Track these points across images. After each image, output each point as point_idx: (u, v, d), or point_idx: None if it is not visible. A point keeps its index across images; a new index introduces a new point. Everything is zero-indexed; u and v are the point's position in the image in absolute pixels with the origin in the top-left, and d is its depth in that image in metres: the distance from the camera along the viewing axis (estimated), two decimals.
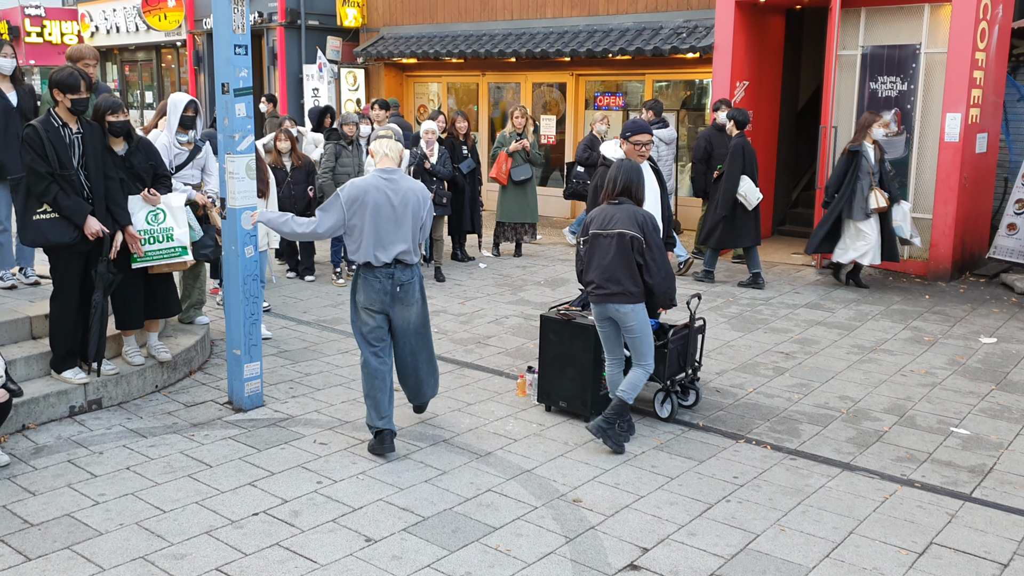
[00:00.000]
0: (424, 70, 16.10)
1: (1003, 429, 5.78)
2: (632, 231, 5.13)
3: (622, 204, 5.25)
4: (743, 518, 4.56)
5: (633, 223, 5.15)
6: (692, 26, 12.22)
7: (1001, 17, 9.96)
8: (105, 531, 4.29)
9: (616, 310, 5.20)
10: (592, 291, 5.29)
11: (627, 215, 5.18)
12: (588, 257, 5.32)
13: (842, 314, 8.59)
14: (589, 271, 5.31)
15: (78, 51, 6.50)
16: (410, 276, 5.21)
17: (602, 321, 5.38)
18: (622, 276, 5.15)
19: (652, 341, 5.34)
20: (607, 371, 5.54)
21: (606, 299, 5.21)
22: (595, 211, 5.38)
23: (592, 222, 5.32)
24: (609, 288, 5.18)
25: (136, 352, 6.20)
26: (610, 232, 5.18)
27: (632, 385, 5.30)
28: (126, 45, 21.96)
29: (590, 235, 5.31)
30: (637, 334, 5.26)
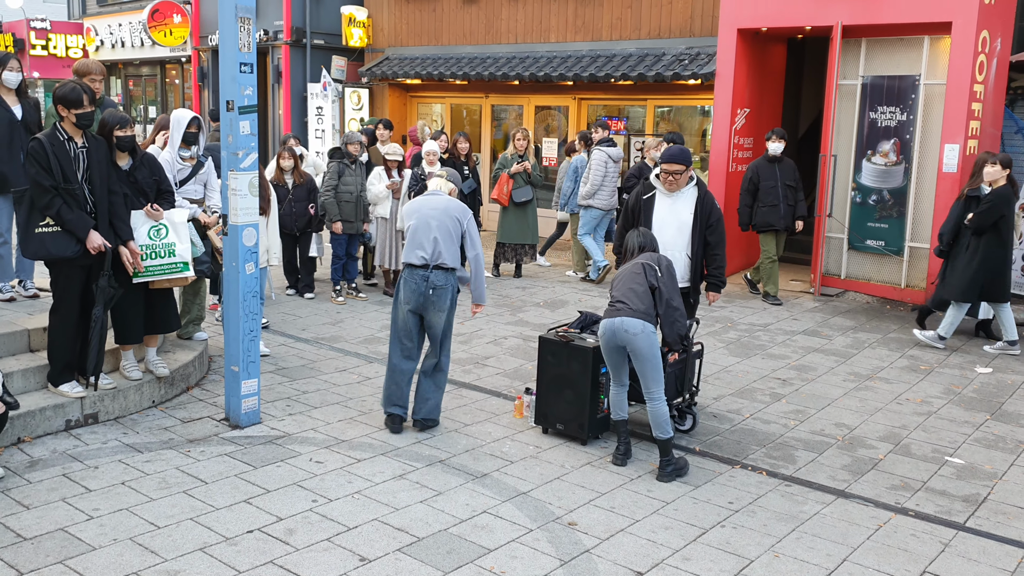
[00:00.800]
0: (428, 91, 16.21)
1: (997, 459, 5.79)
2: (651, 262, 5.42)
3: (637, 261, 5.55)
4: (738, 543, 4.56)
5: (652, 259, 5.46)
6: (694, 53, 12.32)
7: (999, 50, 10.05)
8: (98, 546, 4.29)
9: (624, 329, 5.23)
10: (606, 312, 5.42)
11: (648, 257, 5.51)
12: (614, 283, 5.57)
13: (839, 341, 8.61)
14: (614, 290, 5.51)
15: (85, 66, 6.55)
16: (444, 280, 5.84)
17: (609, 349, 5.41)
18: (632, 298, 5.30)
19: (661, 370, 5.34)
20: (614, 394, 5.57)
21: (614, 314, 5.31)
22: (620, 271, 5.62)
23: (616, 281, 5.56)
24: (618, 305, 5.32)
25: (134, 367, 6.21)
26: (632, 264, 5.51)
27: (662, 422, 5.31)
28: (131, 60, 22.09)
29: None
30: (648, 359, 5.27)
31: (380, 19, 16.40)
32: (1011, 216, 8.16)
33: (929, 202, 10.05)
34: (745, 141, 11.57)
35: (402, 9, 16.02)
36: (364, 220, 9.76)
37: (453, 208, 5.94)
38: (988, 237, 8.13)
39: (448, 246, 5.82)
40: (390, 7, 16.19)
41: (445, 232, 5.83)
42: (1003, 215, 8.05)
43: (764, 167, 10.14)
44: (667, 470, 5.31)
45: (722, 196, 11.21)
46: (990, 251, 8.12)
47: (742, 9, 10.84)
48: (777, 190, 10.06)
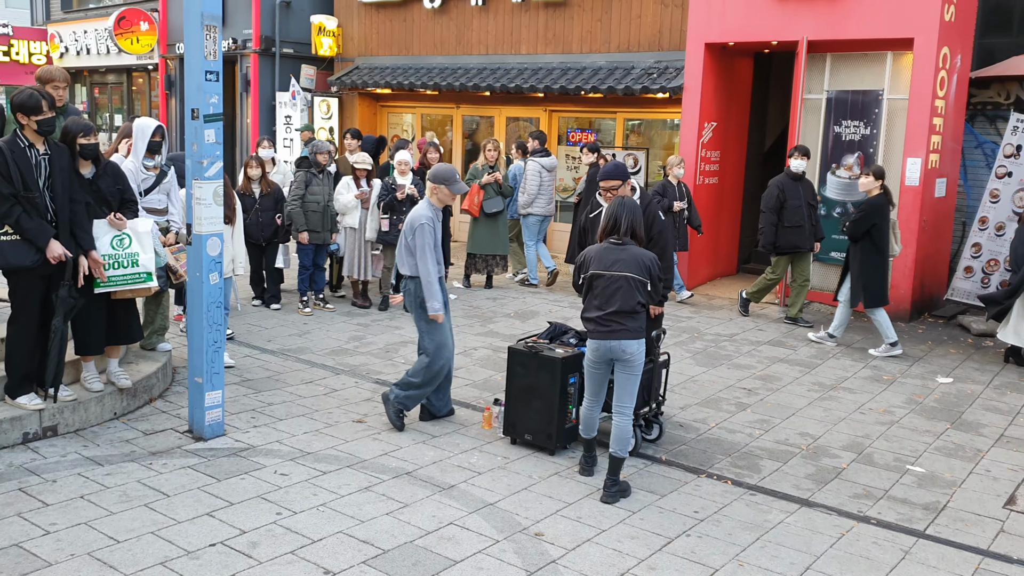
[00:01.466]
0: (398, 101, 16.20)
1: (957, 467, 5.87)
2: (640, 275, 5.16)
3: (626, 246, 5.21)
4: (703, 553, 4.58)
5: (640, 268, 5.16)
6: (663, 67, 12.42)
7: (960, 67, 10.24)
8: (55, 562, 4.21)
9: (622, 350, 5.14)
10: (594, 328, 5.22)
11: (632, 258, 5.17)
12: (590, 295, 5.27)
13: (804, 352, 8.70)
14: (590, 309, 5.25)
15: (48, 73, 6.46)
16: (404, 285, 6.20)
17: (600, 365, 5.29)
18: (626, 317, 5.14)
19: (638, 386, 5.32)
20: (585, 410, 5.46)
21: (609, 335, 5.15)
22: (594, 250, 5.30)
23: (591, 261, 5.26)
24: (612, 326, 5.15)
25: (95, 378, 6.13)
26: (615, 274, 5.15)
27: (625, 440, 5.22)
28: (96, 67, 21.86)
29: (590, 274, 5.25)
30: (635, 373, 5.23)
31: (350, 28, 16.37)
32: (884, 225, 8.54)
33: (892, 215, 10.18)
34: (712, 154, 11.68)
35: (372, 18, 16.00)
36: (331, 230, 9.71)
37: (409, 220, 6.15)
38: (864, 244, 8.57)
39: (403, 257, 6.16)
40: (360, 16, 16.17)
41: (402, 243, 6.18)
42: (875, 223, 8.46)
43: (789, 185, 9.59)
44: (613, 490, 5.18)
45: None
46: (866, 257, 8.57)
47: (709, 24, 10.96)
48: (802, 210, 9.55)
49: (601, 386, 5.41)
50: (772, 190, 9.64)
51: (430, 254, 5.99)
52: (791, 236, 9.59)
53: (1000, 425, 6.75)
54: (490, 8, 14.39)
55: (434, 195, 6.17)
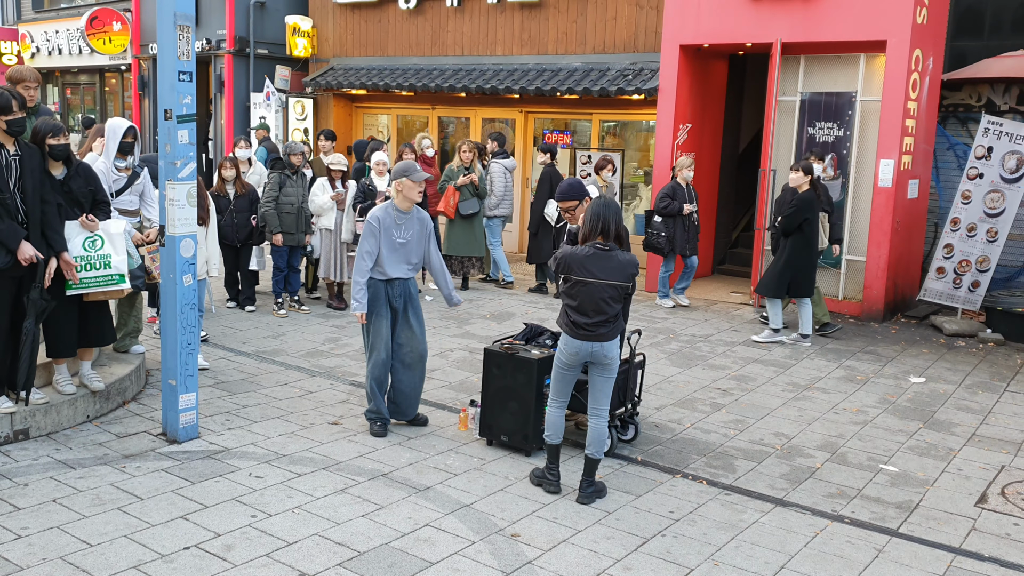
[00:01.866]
0: (374, 102, 16.16)
1: (929, 466, 5.93)
2: (625, 283, 5.11)
3: (613, 252, 5.07)
4: (678, 553, 4.60)
5: (625, 275, 5.10)
6: (638, 68, 12.47)
7: (932, 69, 10.36)
8: (27, 566, 4.16)
9: (604, 354, 5.09)
10: (580, 330, 5.09)
11: (619, 266, 5.07)
12: (576, 300, 5.11)
13: (778, 352, 8.76)
14: (577, 313, 5.11)
15: (19, 72, 6.39)
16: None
17: (575, 367, 5.21)
18: (611, 322, 5.10)
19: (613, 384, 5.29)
20: (552, 412, 5.35)
21: (595, 339, 5.08)
22: (579, 252, 5.10)
23: (575, 266, 5.09)
24: (600, 331, 5.07)
25: (67, 381, 6.06)
26: (602, 282, 5.05)
27: (601, 441, 5.17)
28: (68, 67, 21.65)
29: (574, 281, 5.10)
30: (611, 374, 5.19)
31: (325, 29, 16.31)
32: (815, 219, 8.84)
33: (865, 216, 10.30)
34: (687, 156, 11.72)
35: (347, 19, 15.96)
36: (306, 232, 9.66)
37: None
38: (794, 238, 8.86)
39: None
40: (335, 17, 16.12)
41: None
42: (807, 218, 8.76)
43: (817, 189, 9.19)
44: (589, 491, 5.16)
45: None
46: (796, 251, 8.87)
47: (684, 26, 11.02)
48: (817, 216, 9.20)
49: (569, 387, 5.35)
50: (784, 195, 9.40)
51: (362, 248, 5.91)
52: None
53: (972, 424, 6.83)
54: (465, 9, 14.39)
55: (399, 194, 5.98)
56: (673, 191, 10.35)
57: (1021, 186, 9.74)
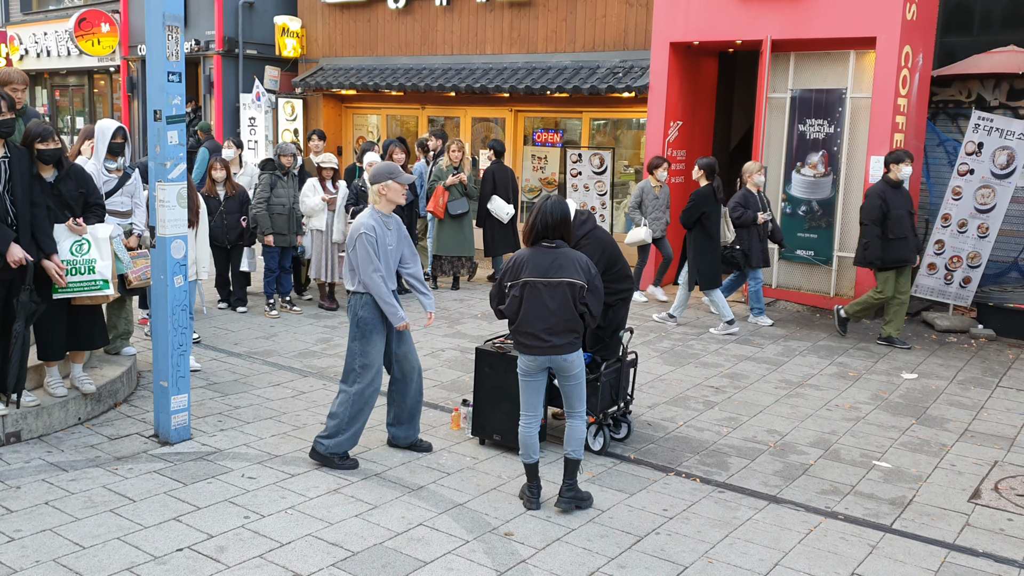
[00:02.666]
0: (363, 102, 16.12)
1: (922, 462, 5.95)
2: (579, 279, 4.78)
3: (560, 248, 4.82)
4: (672, 550, 4.60)
5: (578, 270, 4.79)
6: (628, 66, 12.47)
7: (922, 65, 10.39)
8: (20, 569, 4.14)
9: (563, 360, 4.84)
10: (530, 343, 4.81)
11: (570, 261, 4.80)
12: (523, 306, 4.81)
13: (771, 350, 8.77)
14: (526, 322, 4.80)
15: (6, 74, 6.35)
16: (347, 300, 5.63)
17: (536, 374, 4.94)
18: (569, 327, 4.79)
19: (585, 387, 5.04)
20: (524, 429, 5.02)
21: (550, 351, 4.80)
22: (523, 255, 4.87)
23: (523, 267, 4.82)
24: (554, 340, 4.78)
25: (58, 383, 6.03)
26: (553, 280, 4.75)
27: (579, 441, 4.97)
28: (57, 69, 21.55)
29: (522, 282, 4.81)
30: (578, 380, 4.93)
31: (314, 29, 16.27)
32: (713, 213, 9.12)
33: (856, 212, 10.30)
34: (679, 153, 11.74)
35: (336, 19, 15.92)
36: (297, 233, 9.64)
37: (351, 232, 5.53)
38: (696, 232, 9.17)
39: (348, 270, 5.55)
40: (324, 17, 16.08)
41: (348, 256, 5.57)
42: (704, 212, 9.05)
43: (892, 194, 8.74)
44: (569, 495, 4.94)
45: None
46: (698, 244, 9.17)
47: (674, 23, 11.02)
48: (906, 220, 8.75)
49: (539, 397, 5.03)
50: (873, 200, 8.74)
51: (371, 266, 5.36)
52: (897, 249, 8.73)
53: (964, 420, 6.85)
54: (455, 8, 14.37)
55: (381, 198, 5.50)
56: (745, 199, 9.49)
57: (1012, 182, 9.77)
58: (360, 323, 5.45)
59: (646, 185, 10.64)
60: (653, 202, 10.60)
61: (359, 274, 5.42)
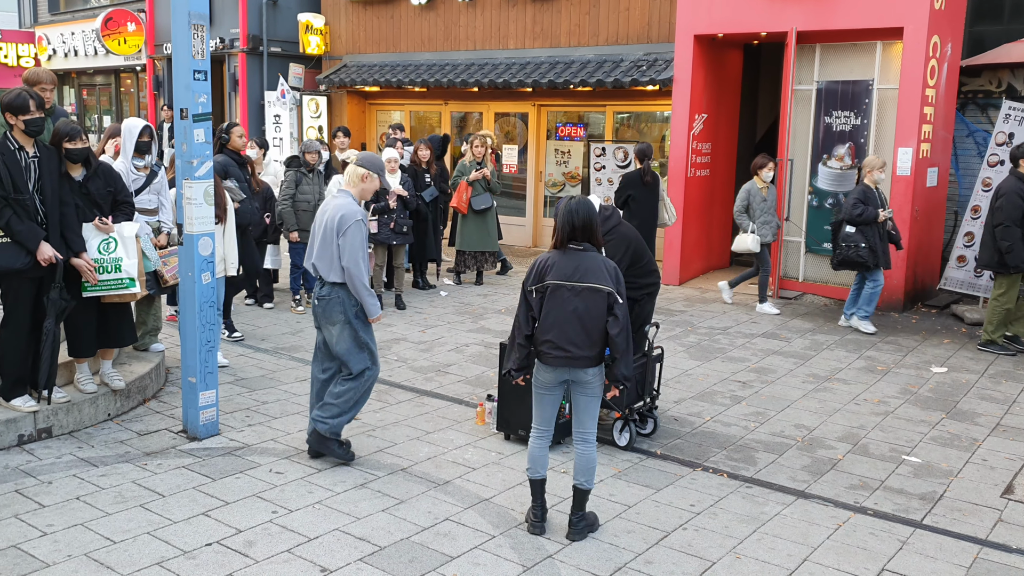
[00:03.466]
0: (387, 98, 16.15)
1: (953, 457, 5.88)
2: (607, 286, 4.45)
3: (587, 251, 4.53)
4: (699, 546, 4.58)
5: (605, 276, 4.47)
6: (652, 59, 12.41)
7: (950, 55, 10.26)
8: (52, 563, 4.19)
9: (582, 373, 4.53)
10: (550, 351, 4.50)
11: (596, 266, 4.48)
12: (545, 311, 4.52)
13: (798, 344, 8.71)
14: (547, 329, 4.49)
15: (35, 75, 6.42)
16: (327, 293, 5.35)
17: (553, 387, 4.62)
18: (591, 338, 4.46)
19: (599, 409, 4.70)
20: (533, 443, 4.71)
21: (570, 363, 4.47)
22: (549, 257, 4.59)
23: (548, 269, 4.53)
24: (573, 351, 4.45)
25: (88, 380, 6.10)
26: (580, 285, 4.45)
27: (590, 470, 4.61)
28: (84, 69, 21.77)
29: (547, 285, 4.51)
30: (594, 395, 4.59)
31: (338, 26, 16.32)
32: (640, 195, 9.68)
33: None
34: (703, 146, 11.68)
35: (360, 16, 15.96)
36: None
37: (333, 213, 5.31)
38: (624, 214, 9.48)
39: (324, 257, 5.32)
40: (348, 14, 16.13)
41: (323, 241, 5.33)
42: (630, 194, 9.71)
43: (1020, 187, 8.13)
44: (579, 525, 4.63)
45: (680, 201, 11.30)
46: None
47: (698, 16, 10.96)
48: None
49: (554, 410, 4.72)
50: (1012, 199, 8.04)
51: (362, 256, 5.26)
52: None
53: (996, 414, 6.77)
54: (477, 3, 14.36)
55: (359, 183, 5.43)
56: (864, 195, 8.87)
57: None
58: (356, 315, 5.35)
59: (752, 187, 9.90)
60: (761, 205, 9.84)
61: (345, 261, 5.23)
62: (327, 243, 5.31)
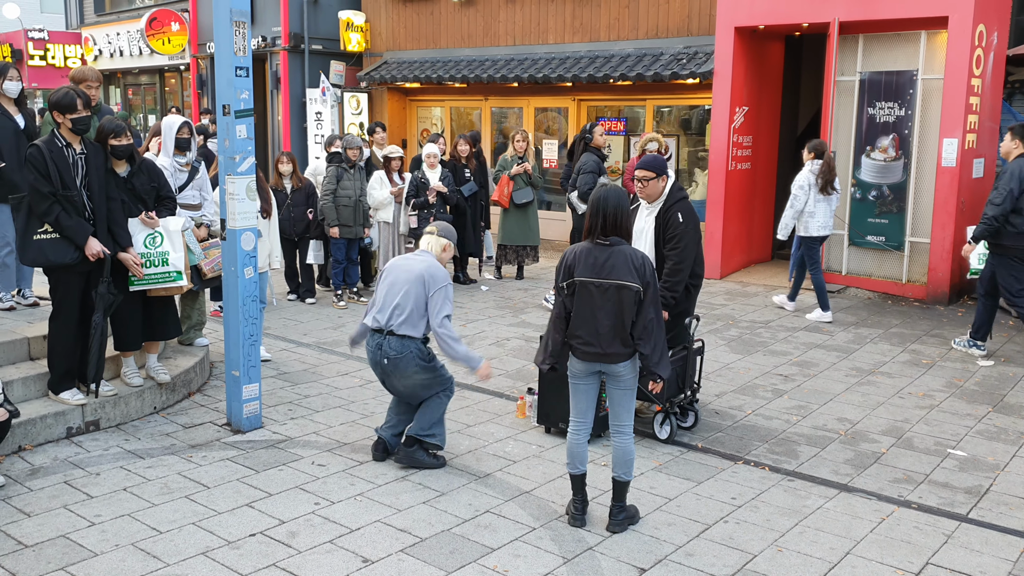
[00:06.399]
0: (427, 94, 16.22)
1: (999, 451, 5.77)
2: (633, 283, 4.37)
3: (615, 245, 4.43)
4: (741, 539, 4.55)
5: (632, 271, 4.39)
6: (692, 52, 12.32)
7: (996, 44, 10.05)
8: (100, 552, 4.29)
9: (614, 367, 4.50)
10: (581, 347, 4.49)
11: (624, 261, 4.39)
12: (576, 308, 4.48)
13: (841, 337, 8.60)
14: (578, 325, 4.47)
15: (81, 73, 6.56)
16: (398, 349, 5.19)
17: (587, 377, 4.59)
18: (620, 335, 4.42)
19: (635, 400, 4.67)
20: (572, 437, 4.67)
21: (599, 359, 4.47)
22: (579, 250, 4.51)
23: (576, 265, 4.47)
24: (603, 348, 4.43)
25: (135, 373, 6.21)
26: (607, 282, 4.39)
27: (628, 462, 4.58)
28: (129, 69, 22.14)
29: (576, 282, 4.46)
30: (628, 388, 4.56)
31: (378, 23, 16.42)
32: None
33: (929, 197, 10.04)
34: (744, 139, 11.57)
35: (400, 13, 16.04)
36: (363, 225, 9.75)
37: (422, 268, 5.24)
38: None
39: (409, 313, 5.18)
40: (388, 11, 16.21)
41: (405, 293, 5.20)
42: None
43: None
44: (619, 517, 4.61)
45: (721, 194, 11.21)
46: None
47: (739, 7, 10.85)
48: None
49: (591, 402, 4.65)
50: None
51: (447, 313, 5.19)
52: None
53: None
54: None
55: (437, 255, 5.42)
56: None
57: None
58: (429, 358, 5.31)
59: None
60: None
61: (435, 319, 5.16)
62: (409, 295, 5.18)
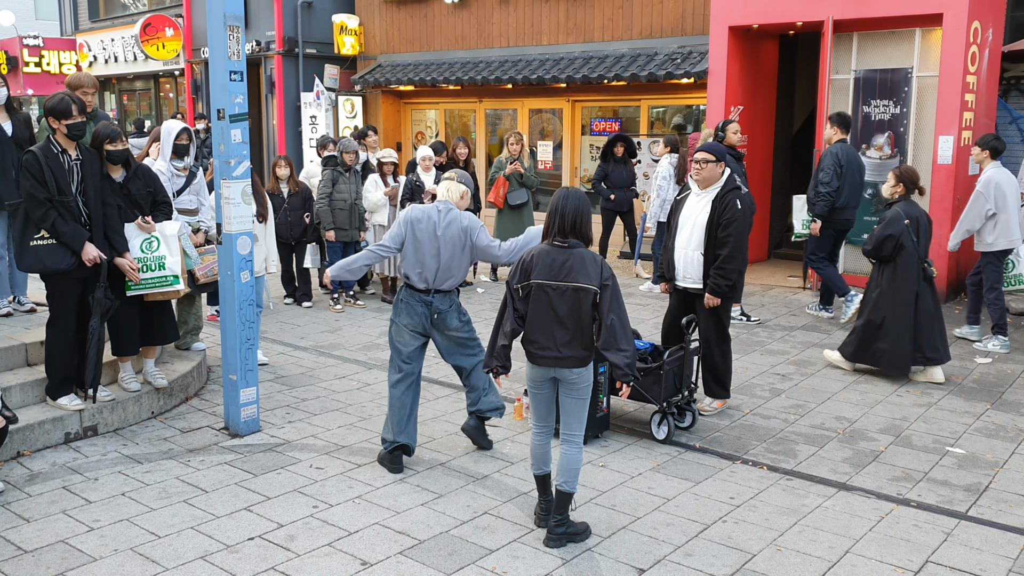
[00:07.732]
0: (421, 97, 16.23)
1: (998, 448, 5.78)
2: (591, 285, 4.26)
3: (573, 248, 4.32)
4: (740, 538, 4.55)
5: (588, 273, 4.27)
6: (686, 52, 12.33)
7: (991, 40, 10.06)
8: (99, 557, 4.28)
9: (569, 372, 4.37)
10: (536, 352, 4.38)
11: (582, 263, 4.28)
12: (531, 311, 4.38)
13: (838, 336, 8.60)
14: (533, 329, 4.37)
15: (76, 79, 6.56)
16: (446, 304, 5.36)
17: (541, 383, 4.47)
18: (577, 339, 4.30)
19: (587, 409, 4.53)
20: (534, 439, 4.60)
21: (556, 363, 4.34)
22: (536, 252, 4.39)
23: (534, 267, 4.35)
24: (560, 352, 4.32)
25: (132, 378, 6.21)
26: (564, 284, 4.28)
27: (573, 471, 4.43)
28: (124, 74, 22.12)
29: (532, 284, 4.34)
30: (583, 397, 4.45)
31: (372, 26, 16.43)
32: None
33: (925, 195, 10.04)
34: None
35: (393, 16, 16.05)
36: (359, 228, 9.74)
37: (459, 230, 5.24)
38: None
39: (455, 274, 5.29)
40: (381, 14, 16.22)
41: (454, 259, 5.25)
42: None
43: None
44: (558, 530, 4.41)
45: None
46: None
47: (733, 7, 10.86)
48: None
49: (550, 408, 4.56)
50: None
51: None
52: None
53: None
54: (510, 0, 14.36)
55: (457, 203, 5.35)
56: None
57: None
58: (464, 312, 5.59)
59: None
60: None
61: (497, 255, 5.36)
62: (454, 257, 5.24)
